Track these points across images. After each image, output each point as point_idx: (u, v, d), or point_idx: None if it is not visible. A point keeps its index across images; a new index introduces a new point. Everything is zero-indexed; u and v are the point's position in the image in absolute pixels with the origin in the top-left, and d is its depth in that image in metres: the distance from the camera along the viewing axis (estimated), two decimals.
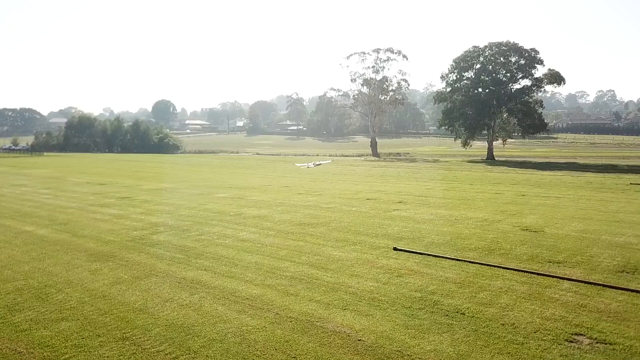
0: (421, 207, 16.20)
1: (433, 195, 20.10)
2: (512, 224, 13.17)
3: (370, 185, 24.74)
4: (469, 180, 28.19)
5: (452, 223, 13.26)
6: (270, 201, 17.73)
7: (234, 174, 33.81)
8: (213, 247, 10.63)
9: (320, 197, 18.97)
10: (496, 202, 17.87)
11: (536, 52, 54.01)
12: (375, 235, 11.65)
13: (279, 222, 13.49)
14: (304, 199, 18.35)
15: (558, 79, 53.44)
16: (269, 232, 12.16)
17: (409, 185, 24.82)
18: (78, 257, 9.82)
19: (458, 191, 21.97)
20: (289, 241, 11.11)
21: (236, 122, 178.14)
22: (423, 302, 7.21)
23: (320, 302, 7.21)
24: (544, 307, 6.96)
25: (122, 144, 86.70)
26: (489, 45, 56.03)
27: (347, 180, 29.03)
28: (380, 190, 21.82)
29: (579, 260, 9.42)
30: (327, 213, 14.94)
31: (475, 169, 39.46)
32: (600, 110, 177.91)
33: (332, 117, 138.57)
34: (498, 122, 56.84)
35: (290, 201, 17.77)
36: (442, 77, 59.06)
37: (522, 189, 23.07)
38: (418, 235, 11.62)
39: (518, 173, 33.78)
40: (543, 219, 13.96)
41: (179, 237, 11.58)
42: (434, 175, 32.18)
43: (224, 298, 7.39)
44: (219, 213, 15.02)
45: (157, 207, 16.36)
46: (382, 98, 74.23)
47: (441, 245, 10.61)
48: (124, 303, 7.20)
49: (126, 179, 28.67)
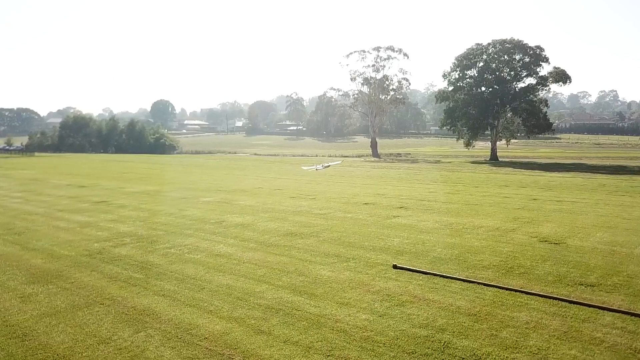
0: (424, 214, 14.61)
1: (436, 199, 18.50)
2: (527, 233, 11.58)
3: (369, 188, 23.14)
4: (473, 183, 26.58)
5: (459, 233, 11.67)
6: (258, 206, 16.14)
7: (226, 176, 32.22)
8: (180, 264, 9.04)
9: (314, 202, 17.38)
10: (506, 207, 16.27)
11: (541, 50, 52.30)
12: (372, 249, 10.06)
13: (264, 231, 11.89)
14: (295, 204, 16.76)
15: (564, 77, 51.73)
16: (250, 244, 10.56)
17: (410, 188, 23.22)
18: (15, 277, 8.23)
19: (463, 194, 20.37)
20: (271, 256, 9.51)
21: (235, 122, 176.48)
22: (430, 343, 5.62)
23: (299, 344, 5.62)
24: (586, 354, 5.36)
25: (118, 144, 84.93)
26: (492, 42, 54.32)
27: (344, 182, 27.44)
28: (380, 194, 20.23)
29: (615, 282, 7.83)
30: (320, 220, 13.36)
31: (479, 170, 37.83)
32: (603, 111, 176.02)
33: (332, 117, 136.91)
34: (502, 121, 55.12)
35: (280, 206, 16.18)
36: (444, 76, 57.35)
37: (531, 192, 21.46)
38: (422, 249, 10.02)
39: (525, 174, 32.16)
40: (562, 227, 12.37)
41: (143, 251, 9.99)
42: (437, 177, 30.57)
43: (176, 338, 5.79)
44: (198, 221, 13.43)
45: (131, 214, 14.77)
46: (383, 97, 72.59)
47: (449, 262, 9.02)
48: (46, 346, 5.60)
49: (111, 180, 27.10)
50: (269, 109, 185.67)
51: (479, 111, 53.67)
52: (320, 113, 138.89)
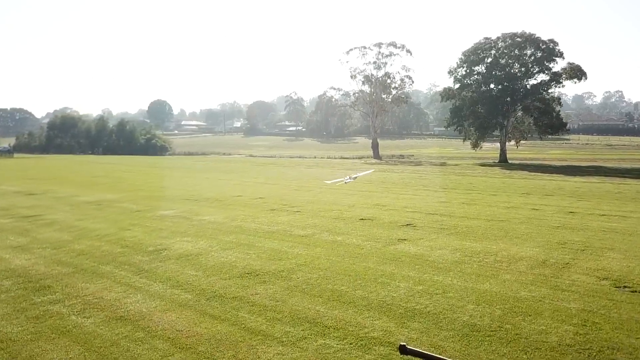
0: (438, 235, 11.03)
1: (450, 212, 14.91)
2: (591, 272, 8.02)
3: (367, 197, 19.58)
4: (489, 189, 22.98)
5: (493, 271, 8.10)
6: (223, 224, 12.57)
7: (206, 180, 28.64)
8: (49, 340, 5.48)
9: (297, 217, 13.81)
10: (541, 224, 12.68)
11: (555, 44, 48.64)
12: (367, 305, 6.50)
13: (213, 269, 8.33)
14: (272, 220, 13.19)
15: (579, 73, 48.02)
16: (181, 296, 7.00)
17: (416, 197, 19.65)
18: None
19: (481, 206, 16.79)
20: (203, 323, 5.95)
21: (234, 122, 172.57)
22: None
23: None
24: None
25: (107, 144, 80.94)
26: (502, 36, 50.65)
27: (340, 188, 23.85)
28: (380, 205, 16.64)
29: None
30: (298, 248, 9.79)
31: (491, 173, 34.16)
32: (610, 111, 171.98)
33: (332, 117, 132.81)
34: (512, 121, 51.44)
35: (252, 224, 12.62)
36: (449, 72, 53.70)
37: (562, 202, 17.87)
38: (443, 305, 6.46)
39: (545, 179, 28.56)
40: (634, 259, 8.79)
41: (11, 309, 6.44)
42: (446, 182, 26.96)
43: None
44: (132, 248, 9.87)
45: (51, 236, 11.22)
46: (384, 96, 68.97)
47: (491, 336, 5.46)
48: None
49: (71, 186, 23.57)
50: (269, 110, 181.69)
51: (487, 110, 50.03)
52: (320, 113, 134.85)
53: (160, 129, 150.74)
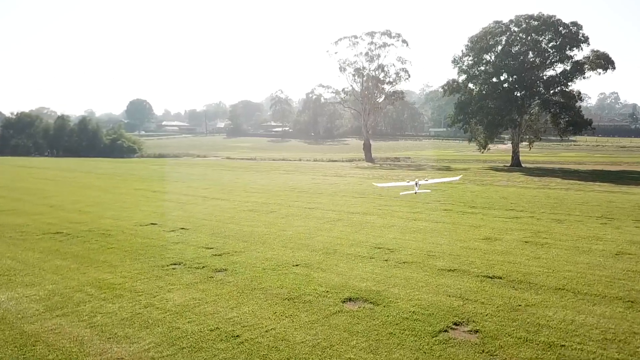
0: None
1: (521, 277, 7.36)
2: None
3: (360, 226, 12.03)
4: (540, 209, 15.52)
5: None
6: None
7: (136, 192, 20.86)
8: None
9: (220, 288, 6.17)
10: None
11: (579, 27, 41.45)
12: None
13: None
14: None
15: (606, 62, 40.83)
16: None
17: (437, 225, 12.12)
18: None
19: (559, 249, 9.30)
20: None
21: (217, 123, 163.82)
22: None
23: None
24: None
25: (68, 145, 72.08)
26: (515, 19, 43.29)
27: (318, 205, 16.24)
28: (382, 245, 9.06)
29: None
30: None
31: (516, 181, 26.64)
32: (609, 113, 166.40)
33: (321, 117, 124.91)
34: (526, 118, 44.12)
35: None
36: (454, 62, 46.27)
37: None
38: None
39: (596, 190, 21.16)
40: None
41: None
42: (468, 196, 19.41)
43: None
44: None
45: None
46: (377, 92, 61.45)
47: None
48: None
49: None
50: (255, 110, 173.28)
51: (498, 105, 42.60)
52: (308, 113, 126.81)
53: (139, 129, 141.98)
